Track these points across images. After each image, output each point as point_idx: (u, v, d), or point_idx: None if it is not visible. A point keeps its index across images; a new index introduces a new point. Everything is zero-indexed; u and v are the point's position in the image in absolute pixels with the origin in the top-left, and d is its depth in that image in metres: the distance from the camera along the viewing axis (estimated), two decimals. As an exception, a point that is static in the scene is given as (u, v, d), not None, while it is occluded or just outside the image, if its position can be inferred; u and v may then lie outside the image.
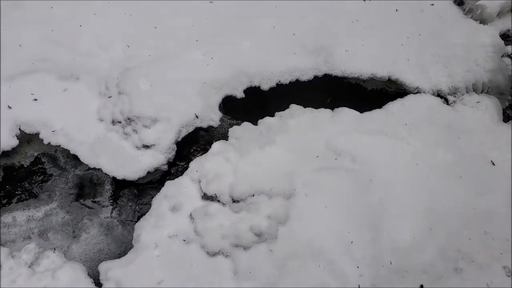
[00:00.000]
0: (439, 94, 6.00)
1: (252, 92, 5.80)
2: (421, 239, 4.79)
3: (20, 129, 5.18)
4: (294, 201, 4.88)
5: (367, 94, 6.12)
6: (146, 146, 5.18)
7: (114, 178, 5.13)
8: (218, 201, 4.93)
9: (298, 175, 5.03)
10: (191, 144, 5.54)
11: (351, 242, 4.70)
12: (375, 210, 4.91)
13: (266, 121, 5.51)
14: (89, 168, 5.19)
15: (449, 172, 5.26)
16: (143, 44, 5.85)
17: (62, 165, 5.26)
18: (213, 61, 5.81)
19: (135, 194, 5.24)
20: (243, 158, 5.14)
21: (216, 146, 5.29)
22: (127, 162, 5.10)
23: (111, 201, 5.15)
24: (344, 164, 5.17)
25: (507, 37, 6.71)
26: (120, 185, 5.23)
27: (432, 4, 6.82)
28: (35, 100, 5.31)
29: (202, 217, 4.80)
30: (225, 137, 5.50)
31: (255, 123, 5.53)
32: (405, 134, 5.50)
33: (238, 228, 4.74)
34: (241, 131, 5.41)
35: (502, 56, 6.39)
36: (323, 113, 5.56)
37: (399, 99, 5.87)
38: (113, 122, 5.28)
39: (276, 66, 5.88)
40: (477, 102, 5.88)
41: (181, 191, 5.01)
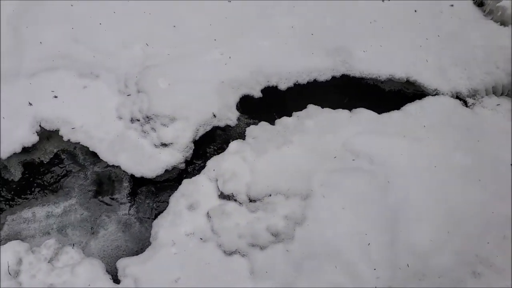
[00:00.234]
0: (458, 97, 5.95)
1: (270, 92, 5.80)
2: (439, 242, 4.75)
3: (41, 126, 5.24)
4: (311, 202, 4.88)
5: (385, 95, 6.09)
6: (164, 144, 5.21)
7: (132, 176, 5.17)
8: (235, 200, 4.94)
9: (316, 176, 5.02)
10: (208, 143, 5.57)
11: (368, 244, 4.68)
12: (393, 212, 4.89)
13: (284, 121, 5.52)
14: (108, 165, 5.24)
15: (468, 175, 5.22)
16: (162, 43, 5.88)
17: (81, 162, 5.32)
18: (231, 61, 5.82)
19: (153, 192, 5.28)
20: (260, 158, 5.14)
21: (233, 146, 5.31)
22: (145, 160, 5.13)
23: (129, 198, 5.19)
24: (362, 165, 5.15)
25: (528, 40, 6.63)
26: (138, 183, 5.27)
27: (452, 5, 6.76)
28: (55, 97, 5.37)
29: (219, 216, 4.82)
30: (242, 137, 5.51)
31: (272, 123, 5.54)
32: (424, 136, 5.46)
33: (255, 228, 4.75)
34: (258, 131, 5.42)
35: (523, 59, 6.31)
36: (341, 114, 5.55)
37: (418, 101, 5.83)
38: (132, 120, 5.32)
39: (294, 66, 5.87)
40: (497, 105, 5.82)
41: (198, 190, 5.03)
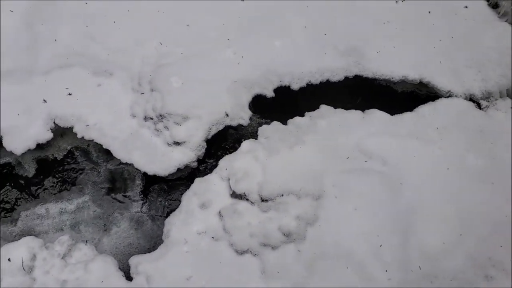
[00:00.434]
0: (472, 99, 5.91)
1: (282, 92, 5.80)
2: (451, 245, 4.74)
3: (55, 123, 5.28)
4: (323, 202, 4.88)
5: (397, 97, 6.07)
6: (177, 143, 5.24)
7: (145, 174, 5.20)
8: (247, 200, 4.96)
9: (328, 176, 5.02)
10: (220, 142, 5.58)
11: (380, 246, 4.68)
12: (405, 214, 4.88)
13: (296, 121, 5.52)
14: (121, 163, 5.28)
15: (481, 178, 5.19)
16: (176, 42, 5.90)
17: (94, 159, 5.36)
18: (244, 60, 5.83)
19: (165, 190, 5.31)
20: (272, 158, 5.15)
21: (246, 145, 5.32)
22: (158, 158, 5.16)
23: (141, 196, 5.22)
24: (374, 167, 5.14)
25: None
26: (150, 181, 5.30)
27: (466, 7, 6.71)
28: (70, 95, 5.41)
29: (231, 215, 4.83)
30: (254, 136, 5.52)
31: (285, 123, 5.54)
32: (436, 138, 5.44)
33: (267, 228, 4.76)
34: (271, 130, 5.42)
35: (538, 61, 6.27)
36: (354, 115, 5.54)
37: (431, 103, 5.81)
38: (145, 119, 5.34)
39: (307, 66, 5.87)
40: (511, 108, 5.77)
41: (210, 189, 5.05)
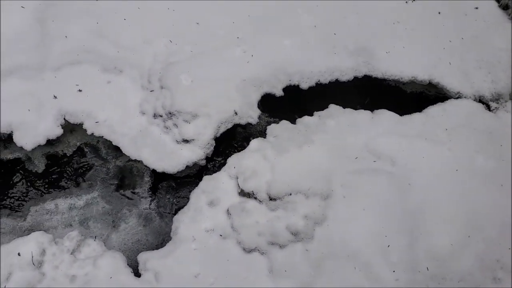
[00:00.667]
0: (481, 100, 5.90)
1: (291, 91, 5.80)
2: (459, 247, 4.74)
3: (65, 119, 5.30)
4: (332, 202, 4.88)
5: (406, 97, 6.06)
6: (186, 141, 5.25)
7: (154, 171, 5.22)
8: (255, 198, 4.96)
9: (336, 176, 5.03)
10: (229, 140, 5.59)
11: (388, 246, 4.68)
12: (413, 215, 4.87)
13: (305, 120, 5.52)
14: (130, 160, 5.30)
15: (490, 180, 5.18)
16: (185, 40, 5.90)
17: (104, 156, 5.38)
18: (254, 59, 5.83)
19: (173, 187, 5.32)
20: (281, 157, 5.16)
21: (254, 143, 5.32)
22: (167, 156, 5.17)
23: (150, 193, 5.24)
24: (383, 167, 5.14)
25: (554, 44, 6.54)
26: (159, 178, 5.32)
27: (476, 8, 6.69)
28: (80, 91, 5.43)
29: (239, 213, 4.84)
30: (263, 135, 5.52)
31: (294, 122, 5.54)
32: (445, 139, 5.43)
33: (275, 226, 4.77)
34: (279, 129, 5.42)
35: (548, 63, 6.24)
36: (363, 115, 5.53)
37: (440, 104, 5.79)
38: (155, 116, 5.36)
39: (316, 66, 5.86)
40: (521, 110, 5.76)
41: (219, 187, 5.06)
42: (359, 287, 4.51)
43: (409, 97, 6.05)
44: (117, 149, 5.28)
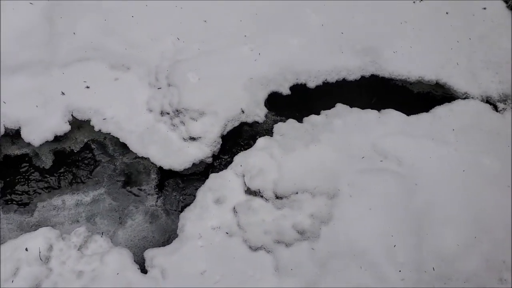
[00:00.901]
0: (488, 101, 5.88)
1: (298, 90, 5.80)
2: (466, 247, 4.73)
3: (73, 115, 5.32)
4: (338, 201, 4.88)
5: (413, 97, 6.04)
6: (193, 138, 5.26)
7: (160, 168, 5.23)
8: (261, 197, 4.97)
9: (343, 175, 5.03)
10: (235, 139, 5.60)
11: (394, 246, 4.68)
12: (420, 215, 4.87)
13: (312, 119, 5.52)
14: (137, 157, 5.31)
15: (497, 181, 5.17)
16: (193, 38, 5.91)
17: (111, 152, 5.40)
18: (261, 57, 5.84)
19: (179, 185, 5.34)
20: (288, 155, 5.16)
21: (261, 142, 5.33)
22: (174, 153, 5.19)
23: (156, 190, 5.26)
24: (390, 167, 5.13)
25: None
26: (165, 175, 5.33)
27: (484, 8, 6.66)
28: (88, 88, 5.45)
29: (245, 212, 4.85)
30: (269, 133, 5.53)
31: (300, 121, 5.54)
32: (452, 140, 5.42)
33: (281, 225, 4.78)
34: (286, 128, 5.43)
35: (556, 64, 6.21)
36: (370, 114, 5.53)
37: (447, 104, 5.78)
38: (162, 113, 5.37)
39: (323, 65, 5.86)
40: (528, 111, 5.75)
41: (225, 185, 5.07)
42: (365, 287, 4.51)
43: (416, 97, 6.04)
44: (124, 146, 5.30)
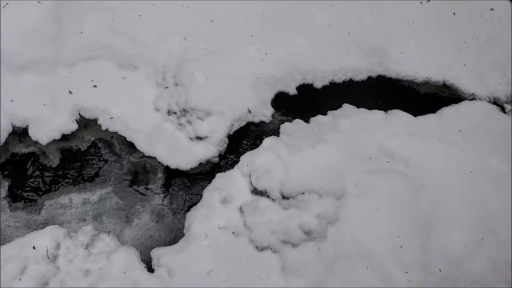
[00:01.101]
0: (496, 102, 5.86)
1: (305, 90, 5.79)
2: (473, 249, 4.73)
3: (80, 114, 5.33)
4: (345, 202, 4.88)
5: (420, 98, 6.03)
6: (199, 138, 5.27)
7: (167, 167, 5.24)
8: (268, 197, 4.97)
9: (350, 176, 5.02)
10: (241, 138, 5.60)
11: (401, 247, 4.68)
12: (426, 216, 4.87)
13: (318, 119, 5.51)
14: (143, 156, 5.32)
15: (504, 182, 5.16)
16: (200, 37, 5.91)
17: (117, 151, 5.41)
18: (268, 57, 5.83)
19: (186, 184, 5.35)
20: (294, 155, 5.16)
21: (268, 142, 5.33)
22: (181, 152, 5.19)
23: (163, 189, 5.27)
24: (397, 168, 5.13)
25: None
26: (172, 174, 5.34)
27: (492, 9, 6.64)
28: (95, 87, 5.46)
29: (252, 211, 4.86)
30: (276, 133, 5.53)
31: (307, 121, 5.54)
32: (459, 141, 5.41)
33: (287, 225, 4.78)
34: (293, 128, 5.42)
35: None
36: (377, 115, 5.52)
37: (454, 105, 5.77)
38: (169, 113, 5.38)
39: (330, 65, 5.85)
40: (536, 112, 5.73)
41: (232, 184, 5.08)
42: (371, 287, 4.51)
43: (423, 98, 6.03)
44: (131, 145, 5.31)
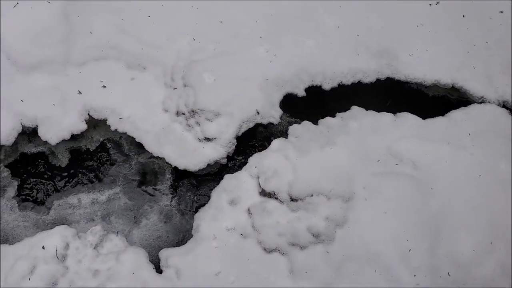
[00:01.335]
0: (505, 105, 5.83)
1: (313, 91, 5.79)
2: (482, 253, 4.71)
3: (89, 114, 5.35)
4: (353, 204, 4.88)
5: (428, 101, 6.01)
6: (208, 139, 5.27)
7: (175, 168, 5.25)
8: (276, 198, 4.98)
9: (358, 178, 5.02)
10: (249, 140, 5.60)
11: (409, 250, 4.67)
12: (435, 219, 4.85)
13: (327, 121, 5.50)
14: (152, 157, 5.33)
15: (513, 186, 5.15)
16: (209, 38, 5.91)
17: (126, 152, 5.42)
18: (276, 58, 5.83)
19: (194, 185, 5.35)
20: (303, 157, 5.16)
21: (276, 143, 5.33)
22: (189, 153, 5.20)
23: (171, 190, 5.28)
24: (405, 170, 5.12)
25: None
26: (180, 175, 5.35)
27: (502, 11, 6.60)
28: (104, 87, 5.47)
29: (260, 213, 4.86)
30: (284, 135, 5.53)
31: (315, 123, 5.53)
32: (468, 144, 5.39)
33: (295, 227, 4.78)
34: (301, 130, 5.42)
35: None
36: (385, 117, 5.51)
37: (463, 108, 5.75)
38: (177, 114, 5.39)
39: (339, 66, 5.85)
40: (545, 116, 5.70)
41: (240, 186, 5.08)
42: (380, 291, 4.51)
43: (432, 101, 6.00)
44: (139, 146, 5.32)
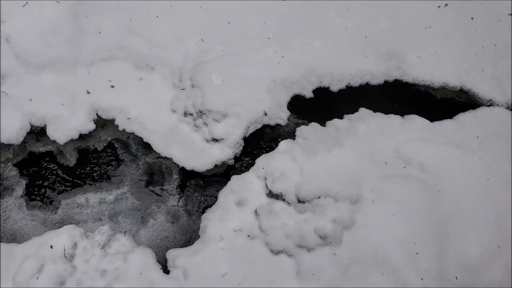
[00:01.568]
0: (514, 108, 5.83)
1: (321, 93, 5.79)
2: (489, 256, 4.69)
3: (97, 114, 5.37)
4: (361, 207, 4.86)
5: (436, 103, 6.00)
6: (215, 140, 5.28)
7: (182, 168, 5.25)
8: (283, 200, 4.97)
9: (366, 181, 5.00)
10: (257, 141, 5.60)
11: (417, 253, 4.65)
12: (443, 223, 4.83)
13: (335, 123, 5.50)
14: (159, 157, 5.34)
15: (521, 190, 5.12)
16: (217, 39, 5.92)
17: (134, 152, 5.44)
18: (284, 60, 5.83)
19: (201, 185, 5.36)
20: (310, 159, 5.15)
21: (283, 145, 5.32)
22: (197, 154, 5.21)
23: (178, 190, 5.28)
24: (413, 173, 5.10)
25: None
26: (187, 175, 5.35)
27: (510, 14, 6.58)
28: (112, 87, 5.48)
29: (267, 215, 4.85)
30: (291, 136, 5.53)
31: (323, 124, 5.53)
32: (476, 147, 5.37)
33: (303, 229, 4.77)
34: (309, 131, 5.41)
35: None
36: (393, 119, 5.49)
37: (471, 111, 5.73)
38: (185, 114, 5.39)
39: (347, 68, 5.84)
40: (554, 120, 5.66)
41: (247, 187, 5.08)
42: (387, 293, 4.50)
43: (440, 103, 5.99)
44: (147, 146, 5.33)
